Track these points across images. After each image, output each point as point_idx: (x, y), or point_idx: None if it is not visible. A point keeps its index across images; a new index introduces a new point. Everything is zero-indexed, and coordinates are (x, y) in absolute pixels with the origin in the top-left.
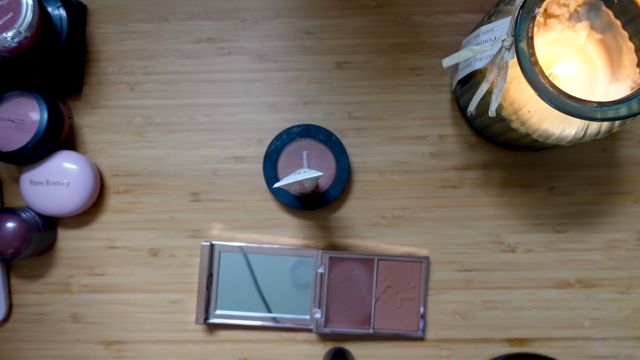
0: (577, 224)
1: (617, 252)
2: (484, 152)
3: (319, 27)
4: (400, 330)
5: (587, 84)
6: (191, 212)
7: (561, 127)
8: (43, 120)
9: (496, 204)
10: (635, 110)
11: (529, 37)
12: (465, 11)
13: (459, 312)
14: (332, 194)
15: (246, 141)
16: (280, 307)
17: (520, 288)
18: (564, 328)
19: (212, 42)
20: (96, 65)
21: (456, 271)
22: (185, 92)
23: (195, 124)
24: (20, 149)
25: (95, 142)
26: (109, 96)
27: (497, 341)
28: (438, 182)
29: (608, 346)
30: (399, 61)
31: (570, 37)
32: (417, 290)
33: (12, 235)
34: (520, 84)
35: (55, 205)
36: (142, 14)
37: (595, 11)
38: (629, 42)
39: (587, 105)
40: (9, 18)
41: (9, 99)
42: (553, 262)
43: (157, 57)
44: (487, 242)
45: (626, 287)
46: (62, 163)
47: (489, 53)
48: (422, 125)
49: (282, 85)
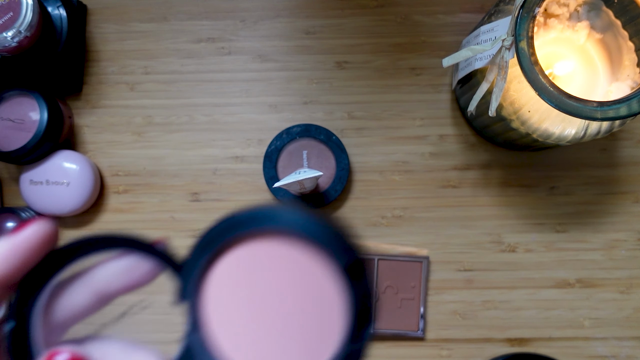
0: (577, 223)
1: (617, 252)
2: (484, 151)
3: (319, 27)
4: (400, 330)
5: (587, 84)
6: (191, 212)
7: (561, 126)
8: (43, 120)
9: (496, 203)
10: (635, 110)
11: (529, 36)
12: (465, 11)
13: (459, 312)
14: (332, 193)
15: (246, 141)
16: None
17: (520, 288)
18: (564, 328)
19: (212, 41)
20: (96, 65)
21: (456, 271)
22: (185, 92)
23: (195, 123)
24: (20, 148)
25: (95, 142)
26: (109, 96)
27: (497, 341)
28: (438, 182)
29: (608, 346)
30: (399, 61)
31: (570, 37)
32: (417, 290)
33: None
34: (521, 84)
35: (55, 205)
36: (142, 13)
37: (595, 11)
38: (629, 42)
39: (587, 104)
40: (9, 18)
41: (9, 99)
42: (553, 262)
43: (157, 56)
44: (487, 242)
45: (626, 287)
46: (62, 163)
47: (489, 53)
48: (422, 125)
49: (282, 85)
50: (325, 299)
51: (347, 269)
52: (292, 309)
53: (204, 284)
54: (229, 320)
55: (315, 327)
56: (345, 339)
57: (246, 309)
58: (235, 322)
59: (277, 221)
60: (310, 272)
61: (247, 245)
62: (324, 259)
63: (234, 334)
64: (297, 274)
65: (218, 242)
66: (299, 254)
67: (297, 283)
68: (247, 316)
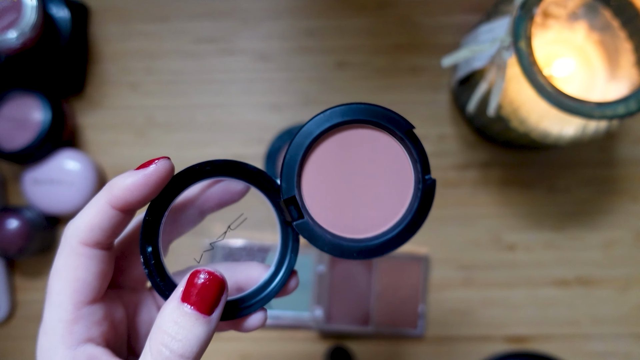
0: (576, 222)
1: (615, 251)
2: (483, 151)
3: (320, 28)
4: (400, 328)
5: (586, 84)
6: None
7: (559, 126)
8: (46, 120)
9: (495, 202)
10: (633, 109)
11: (527, 37)
12: (465, 12)
13: (459, 309)
14: None
15: (247, 141)
16: (281, 305)
17: (519, 286)
18: (563, 325)
19: (214, 42)
20: (98, 66)
21: (455, 269)
22: (187, 92)
23: (196, 123)
24: (24, 148)
25: (97, 141)
26: (111, 96)
27: (496, 339)
28: (438, 181)
29: (606, 343)
30: (399, 61)
31: (568, 37)
32: (416, 289)
33: (15, 233)
34: (519, 84)
35: (58, 204)
36: (144, 14)
37: (593, 12)
38: (626, 42)
39: (585, 104)
40: (12, 19)
41: (13, 99)
42: (552, 260)
43: (159, 57)
44: (487, 240)
45: (624, 285)
46: (64, 162)
47: (488, 53)
48: (422, 124)
49: (282, 85)
50: (397, 157)
51: (406, 134)
52: (375, 170)
53: (302, 181)
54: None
55: (396, 175)
56: (415, 180)
57: (338, 185)
58: (331, 198)
59: (342, 116)
60: (382, 143)
61: (325, 142)
62: (389, 131)
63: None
64: (372, 148)
65: (304, 148)
66: (371, 134)
67: (375, 152)
68: (339, 189)
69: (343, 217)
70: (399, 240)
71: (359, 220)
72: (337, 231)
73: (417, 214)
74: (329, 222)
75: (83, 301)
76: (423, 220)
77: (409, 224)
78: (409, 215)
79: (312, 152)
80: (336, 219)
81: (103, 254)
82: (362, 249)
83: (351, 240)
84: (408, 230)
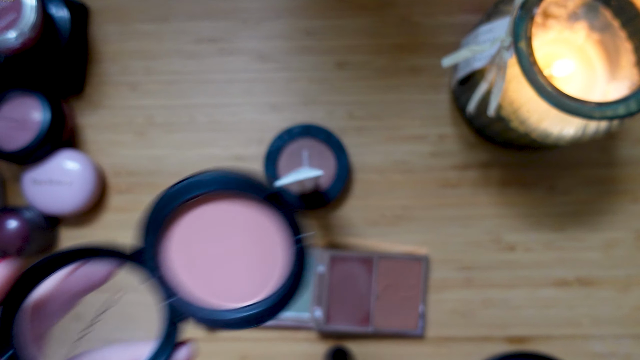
0: (576, 222)
1: (616, 251)
2: (484, 151)
3: (320, 28)
4: (400, 329)
5: (586, 84)
6: None
7: (560, 126)
8: (45, 120)
9: (495, 203)
10: (633, 110)
11: (527, 37)
12: (465, 12)
13: (459, 310)
14: (332, 193)
15: (247, 141)
16: None
17: (519, 286)
18: (563, 326)
19: (213, 42)
20: (98, 66)
21: (456, 270)
22: (187, 92)
23: (196, 123)
24: (23, 148)
25: (97, 141)
26: (111, 96)
27: (496, 339)
28: (438, 181)
29: (606, 344)
30: (399, 61)
31: (568, 37)
32: (416, 289)
33: (15, 234)
34: (519, 84)
35: (58, 205)
36: (144, 14)
37: (593, 12)
38: (626, 42)
39: (586, 104)
40: (12, 18)
41: (12, 99)
42: (552, 261)
43: (159, 57)
44: (487, 240)
45: (624, 286)
46: (64, 162)
47: (488, 53)
48: (422, 125)
49: (282, 85)
50: (262, 225)
51: (267, 198)
52: (243, 241)
53: (162, 258)
54: (195, 274)
55: (265, 243)
56: (288, 241)
57: (206, 259)
58: (200, 273)
59: (201, 188)
60: (244, 213)
61: (184, 217)
62: (248, 200)
63: (204, 283)
64: (235, 219)
65: (161, 220)
66: (229, 205)
67: (238, 224)
68: (209, 263)
69: (220, 289)
70: (282, 304)
71: (235, 290)
72: (216, 302)
73: (294, 277)
74: (207, 294)
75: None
76: (302, 283)
77: (290, 286)
78: (287, 279)
79: (172, 226)
80: (213, 290)
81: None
82: (239, 319)
83: (229, 311)
84: (290, 292)
